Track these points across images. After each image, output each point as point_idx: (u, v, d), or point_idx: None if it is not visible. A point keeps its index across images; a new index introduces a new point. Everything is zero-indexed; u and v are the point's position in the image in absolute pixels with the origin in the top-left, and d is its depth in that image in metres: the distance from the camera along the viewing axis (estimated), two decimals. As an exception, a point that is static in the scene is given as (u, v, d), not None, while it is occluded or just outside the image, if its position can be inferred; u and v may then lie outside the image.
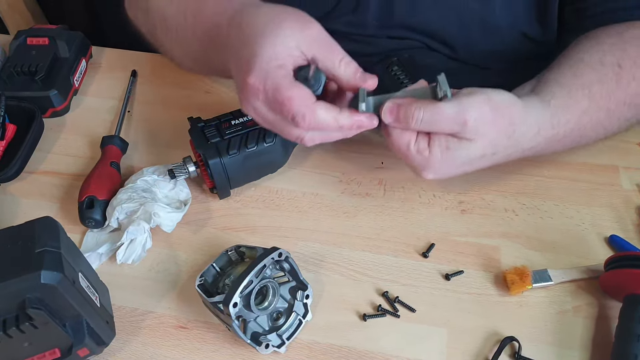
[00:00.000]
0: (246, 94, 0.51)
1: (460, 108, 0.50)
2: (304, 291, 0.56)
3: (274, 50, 0.50)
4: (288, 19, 0.51)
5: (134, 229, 0.59)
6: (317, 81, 0.51)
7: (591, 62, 0.61)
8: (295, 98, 0.48)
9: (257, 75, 0.49)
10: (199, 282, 0.56)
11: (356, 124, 0.51)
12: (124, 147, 0.70)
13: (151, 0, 0.66)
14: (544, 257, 0.62)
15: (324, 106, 0.50)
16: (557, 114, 0.58)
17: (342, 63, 0.51)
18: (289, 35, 0.50)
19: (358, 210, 0.66)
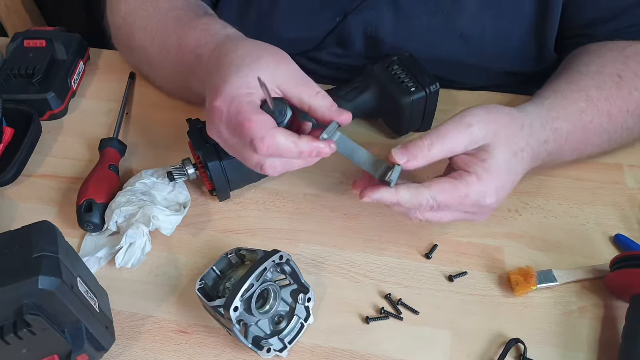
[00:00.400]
0: (211, 116, 0.51)
1: (457, 119, 0.52)
2: (306, 294, 0.55)
3: (246, 80, 0.50)
4: (265, 55, 0.52)
5: (133, 232, 0.58)
6: (282, 113, 0.51)
7: (589, 72, 0.62)
8: (255, 121, 0.48)
9: (224, 100, 0.49)
10: (199, 285, 0.56)
11: (315, 150, 0.50)
12: (122, 149, 0.69)
13: (134, 39, 0.68)
14: (548, 257, 0.61)
15: (283, 132, 0.49)
16: (554, 109, 0.58)
17: (318, 95, 0.51)
18: (263, 69, 0.50)
19: (359, 212, 0.65)
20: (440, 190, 0.52)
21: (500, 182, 0.53)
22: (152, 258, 0.61)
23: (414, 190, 0.52)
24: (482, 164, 0.52)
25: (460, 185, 0.52)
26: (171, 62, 0.64)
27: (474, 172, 0.52)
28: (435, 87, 0.66)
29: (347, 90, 0.67)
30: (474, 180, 0.52)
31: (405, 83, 0.66)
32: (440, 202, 0.52)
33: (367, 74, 0.68)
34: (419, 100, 0.65)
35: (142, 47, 0.67)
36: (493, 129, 0.53)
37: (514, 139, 0.54)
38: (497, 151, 0.53)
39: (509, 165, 0.54)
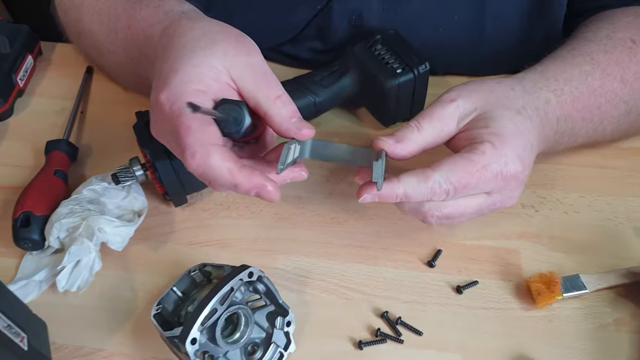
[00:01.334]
0: (154, 112, 0.42)
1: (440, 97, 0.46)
2: (285, 317, 0.46)
3: (198, 70, 0.41)
4: (225, 40, 0.43)
5: (77, 248, 0.48)
6: (237, 122, 0.41)
7: (596, 37, 0.54)
8: (193, 130, 0.39)
9: (169, 95, 0.40)
10: (156, 310, 0.46)
11: (255, 189, 0.40)
12: (73, 153, 0.60)
13: (82, 23, 0.60)
14: (573, 260, 0.52)
15: (223, 153, 0.39)
16: (549, 72, 0.51)
17: (278, 101, 0.42)
18: (219, 57, 0.42)
19: (349, 215, 0.56)
20: (452, 167, 0.43)
21: (518, 146, 0.44)
22: (102, 279, 0.52)
23: (421, 174, 0.43)
24: (487, 130, 0.44)
25: (474, 157, 0.43)
26: (121, 46, 0.55)
27: (485, 140, 0.44)
28: (425, 67, 0.57)
29: (324, 74, 0.58)
30: (488, 148, 0.43)
31: (390, 64, 0.57)
32: (456, 182, 0.43)
33: (347, 55, 0.59)
34: (407, 83, 0.56)
35: (90, 31, 0.59)
36: (480, 97, 0.46)
37: (507, 100, 0.46)
38: (496, 114, 0.45)
39: (517, 125, 0.45)
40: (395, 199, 0.43)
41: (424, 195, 0.43)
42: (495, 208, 0.47)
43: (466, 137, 0.45)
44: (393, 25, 0.60)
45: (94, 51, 0.61)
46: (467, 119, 0.46)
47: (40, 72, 0.71)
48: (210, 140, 0.39)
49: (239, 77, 0.42)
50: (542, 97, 0.48)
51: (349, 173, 0.59)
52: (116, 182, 0.52)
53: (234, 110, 0.40)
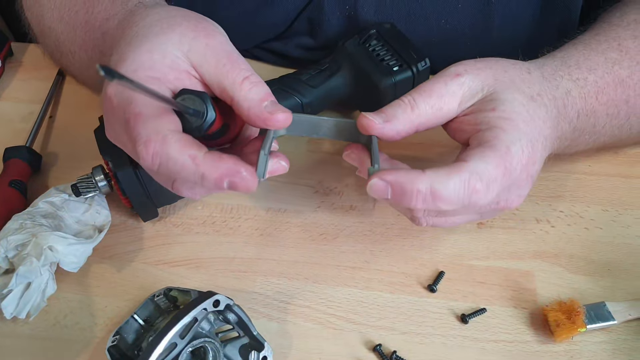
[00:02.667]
0: (104, 110, 0.36)
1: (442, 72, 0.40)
2: (260, 352, 0.39)
3: (149, 57, 0.35)
4: (182, 23, 0.37)
5: (26, 269, 0.42)
6: (197, 116, 0.34)
7: (622, 22, 0.47)
8: (144, 117, 0.33)
9: (114, 86, 0.35)
10: (112, 342, 0.40)
11: (227, 179, 0.33)
12: (35, 161, 0.54)
13: (44, 19, 0.54)
14: (597, 285, 0.45)
15: (181, 138, 0.33)
16: (571, 58, 0.44)
17: (245, 82, 0.35)
18: (175, 42, 0.36)
19: (339, 230, 0.49)
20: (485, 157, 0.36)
21: (530, 134, 0.37)
22: (57, 303, 0.46)
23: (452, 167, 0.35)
24: (495, 113, 0.37)
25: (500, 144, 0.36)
26: (80, 46, 0.49)
27: (494, 125, 0.37)
28: (424, 64, 0.51)
29: (312, 73, 0.52)
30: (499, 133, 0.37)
31: (386, 61, 0.51)
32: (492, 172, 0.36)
33: (338, 52, 0.53)
34: (404, 81, 0.50)
35: (51, 29, 0.53)
36: (490, 75, 0.39)
37: (522, 83, 0.40)
38: (506, 96, 0.38)
39: (529, 112, 0.38)
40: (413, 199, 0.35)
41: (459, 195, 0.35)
42: (498, 209, 0.39)
43: (469, 121, 0.39)
44: (391, 16, 0.54)
45: (57, 52, 0.55)
46: (472, 100, 0.39)
47: (8, 74, 0.66)
48: (167, 126, 0.33)
49: (199, 63, 0.36)
50: (562, 86, 0.42)
51: (340, 183, 0.52)
52: (77, 194, 0.46)
53: (193, 101, 0.34)
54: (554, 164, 0.52)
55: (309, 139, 0.56)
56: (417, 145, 0.54)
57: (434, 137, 0.53)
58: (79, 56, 0.51)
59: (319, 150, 0.55)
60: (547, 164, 0.42)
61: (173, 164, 0.32)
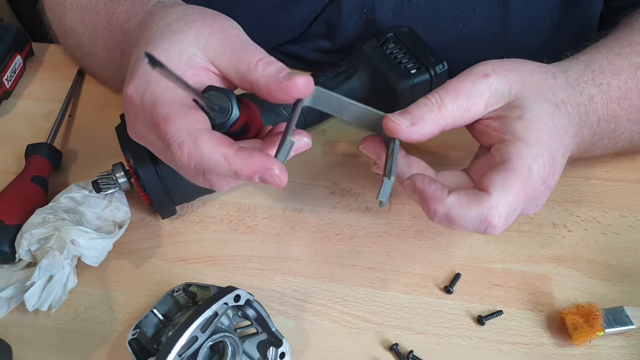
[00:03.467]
0: (126, 110, 0.37)
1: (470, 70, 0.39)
2: (278, 348, 0.40)
3: (167, 55, 0.36)
4: (199, 20, 0.38)
5: (49, 262, 0.43)
6: (223, 111, 0.35)
7: None
8: (173, 118, 0.33)
9: (137, 85, 0.35)
10: (132, 336, 0.41)
11: (258, 173, 0.34)
12: (56, 158, 0.55)
13: (66, 20, 0.55)
14: (615, 290, 0.45)
15: (213, 137, 0.34)
16: (595, 62, 0.44)
17: (259, 63, 0.36)
18: (192, 39, 0.37)
19: (355, 231, 0.50)
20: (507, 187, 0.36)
21: (553, 147, 0.38)
22: (78, 297, 0.46)
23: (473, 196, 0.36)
24: (521, 123, 0.37)
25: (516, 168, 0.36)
26: (102, 46, 0.50)
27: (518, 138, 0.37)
28: (442, 67, 0.51)
29: (329, 75, 0.52)
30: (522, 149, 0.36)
31: (403, 64, 0.51)
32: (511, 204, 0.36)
33: (355, 55, 0.53)
34: (422, 84, 0.50)
35: (73, 30, 0.54)
36: (517, 78, 0.39)
37: (548, 89, 0.39)
38: (533, 103, 0.38)
39: (554, 121, 0.38)
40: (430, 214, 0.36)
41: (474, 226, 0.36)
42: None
43: (495, 127, 0.38)
44: (409, 20, 0.54)
45: (78, 52, 0.56)
46: (499, 104, 0.39)
47: (29, 74, 0.67)
48: (197, 126, 0.33)
49: (216, 56, 0.36)
50: (585, 92, 0.42)
51: (356, 184, 0.53)
52: (97, 190, 0.47)
53: (219, 98, 0.35)
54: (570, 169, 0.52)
55: (325, 140, 0.56)
56: (435, 148, 0.55)
57: (451, 140, 0.54)
58: (100, 56, 0.52)
59: (335, 152, 0.56)
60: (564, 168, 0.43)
61: (207, 163, 0.33)
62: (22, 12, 1.00)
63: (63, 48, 0.61)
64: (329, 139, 0.56)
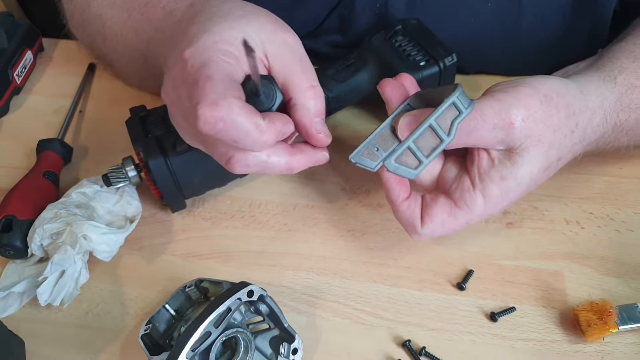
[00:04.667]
0: (173, 70, 0.36)
1: (501, 107, 0.38)
2: (290, 343, 0.40)
3: (230, 33, 0.36)
4: (262, 15, 0.39)
5: (61, 257, 0.43)
6: (269, 97, 0.36)
7: None
8: (215, 81, 0.33)
9: (195, 50, 0.35)
10: (145, 331, 0.41)
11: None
12: (67, 153, 0.55)
13: (90, 8, 0.56)
14: (629, 287, 0.45)
15: (246, 106, 0.33)
16: (628, 93, 0.43)
17: (310, 91, 0.37)
18: (255, 28, 0.38)
19: (367, 227, 0.49)
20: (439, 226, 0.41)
21: (514, 199, 0.41)
22: (89, 292, 0.46)
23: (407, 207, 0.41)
24: (501, 183, 0.40)
25: (461, 215, 0.41)
26: (132, 27, 0.51)
27: (485, 194, 0.40)
28: (451, 60, 0.51)
29: (338, 68, 0.52)
30: (480, 205, 0.40)
31: (412, 57, 0.51)
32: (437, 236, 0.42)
33: (365, 47, 0.53)
34: (431, 77, 0.50)
35: (98, 15, 0.55)
36: (538, 134, 0.39)
37: (556, 147, 0.40)
38: (526, 165, 0.40)
39: (534, 181, 0.41)
40: None
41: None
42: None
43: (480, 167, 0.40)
44: (421, 13, 0.54)
45: (99, 38, 0.57)
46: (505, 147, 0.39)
47: (39, 69, 0.67)
48: (234, 94, 0.33)
49: (273, 56, 0.37)
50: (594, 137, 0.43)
51: (368, 181, 0.53)
52: (107, 184, 0.47)
53: (265, 84, 0.35)
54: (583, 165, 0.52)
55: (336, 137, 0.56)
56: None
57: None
58: (125, 38, 0.53)
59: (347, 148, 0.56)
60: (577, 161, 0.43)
61: (237, 130, 0.32)
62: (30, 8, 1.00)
63: (81, 36, 0.61)
64: (341, 134, 0.56)
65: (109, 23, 0.54)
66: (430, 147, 0.37)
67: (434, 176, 0.42)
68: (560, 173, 0.52)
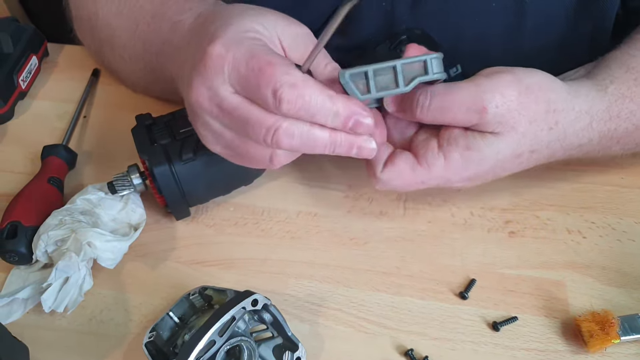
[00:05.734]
0: (203, 71, 0.37)
1: (477, 91, 0.39)
2: (294, 352, 0.40)
3: (253, 27, 0.39)
4: (274, 12, 0.42)
5: (65, 264, 0.43)
6: None
7: None
8: (278, 64, 0.35)
9: (225, 43, 0.36)
10: (149, 338, 0.41)
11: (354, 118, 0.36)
12: (71, 159, 0.55)
13: (98, 16, 0.57)
14: (631, 297, 0.45)
15: (315, 81, 0.36)
16: (618, 103, 0.44)
17: (328, 66, 0.42)
18: (270, 24, 0.40)
19: (370, 236, 0.50)
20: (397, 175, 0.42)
21: (475, 174, 0.42)
22: (93, 298, 0.47)
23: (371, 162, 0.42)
24: (465, 152, 0.40)
25: (420, 171, 0.41)
26: (140, 38, 0.51)
27: (447, 156, 0.41)
28: (456, 70, 0.51)
29: None
30: (440, 166, 0.41)
31: None
32: (392, 186, 0.42)
33: (369, 57, 0.53)
34: None
35: (106, 24, 0.55)
36: (512, 122, 0.40)
37: (530, 138, 0.41)
38: (495, 145, 0.40)
39: (502, 163, 0.42)
40: None
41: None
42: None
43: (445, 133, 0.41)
44: (426, 13, 0.54)
45: (107, 46, 0.57)
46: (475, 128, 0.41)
47: (44, 74, 0.67)
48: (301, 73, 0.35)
49: (289, 47, 0.40)
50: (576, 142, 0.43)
51: (371, 188, 0.53)
52: (112, 192, 0.47)
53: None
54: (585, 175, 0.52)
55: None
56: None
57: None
58: (133, 48, 0.53)
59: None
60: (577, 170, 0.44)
61: (314, 105, 0.35)
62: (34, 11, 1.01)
63: (87, 43, 0.62)
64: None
65: (117, 32, 0.54)
66: (384, 85, 0.38)
67: (405, 137, 0.44)
68: (562, 182, 0.53)
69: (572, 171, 0.53)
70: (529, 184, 0.52)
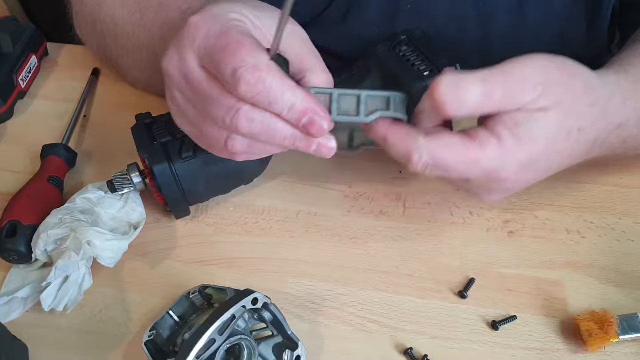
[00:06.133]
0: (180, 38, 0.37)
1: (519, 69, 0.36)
2: (293, 350, 0.40)
3: (240, 9, 0.38)
4: (271, 8, 0.42)
5: (64, 263, 0.43)
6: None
7: None
8: (246, 45, 0.35)
9: (205, 17, 0.37)
10: (148, 337, 0.41)
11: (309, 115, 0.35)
12: (71, 158, 0.55)
13: (102, 7, 0.57)
14: (629, 296, 0.45)
15: (279, 70, 0.35)
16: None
17: (323, 74, 0.40)
18: (266, 15, 0.40)
19: (370, 235, 0.50)
20: (444, 145, 0.37)
21: (529, 158, 0.37)
22: (93, 297, 0.47)
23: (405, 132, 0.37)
24: (514, 129, 0.37)
25: (472, 147, 0.37)
26: (145, 27, 0.51)
27: (498, 135, 0.37)
28: (456, 69, 0.51)
29: (341, 77, 0.52)
30: (493, 145, 0.37)
31: (416, 66, 0.51)
32: (439, 159, 0.37)
33: (368, 57, 0.53)
34: None
35: (110, 16, 0.55)
36: (559, 97, 0.37)
37: (576, 113, 0.38)
38: (542, 121, 0.37)
39: (553, 143, 0.38)
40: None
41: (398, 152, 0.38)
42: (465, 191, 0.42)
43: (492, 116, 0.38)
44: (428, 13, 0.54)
45: (110, 38, 0.57)
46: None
47: (44, 74, 0.67)
48: (265, 57, 0.35)
49: (284, 42, 0.38)
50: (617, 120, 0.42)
51: (370, 188, 0.53)
52: (112, 190, 0.47)
53: (280, 59, 0.36)
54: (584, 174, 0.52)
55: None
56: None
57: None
58: (137, 38, 0.53)
59: (348, 156, 0.56)
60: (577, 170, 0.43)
61: (273, 92, 0.34)
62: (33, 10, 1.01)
63: (88, 37, 0.62)
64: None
65: (120, 22, 0.54)
66: (345, 111, 0.38)
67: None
68: (561, 182, 0.53)
69: (570, 171, 0.53)
70: (527, 184, 0.52)
